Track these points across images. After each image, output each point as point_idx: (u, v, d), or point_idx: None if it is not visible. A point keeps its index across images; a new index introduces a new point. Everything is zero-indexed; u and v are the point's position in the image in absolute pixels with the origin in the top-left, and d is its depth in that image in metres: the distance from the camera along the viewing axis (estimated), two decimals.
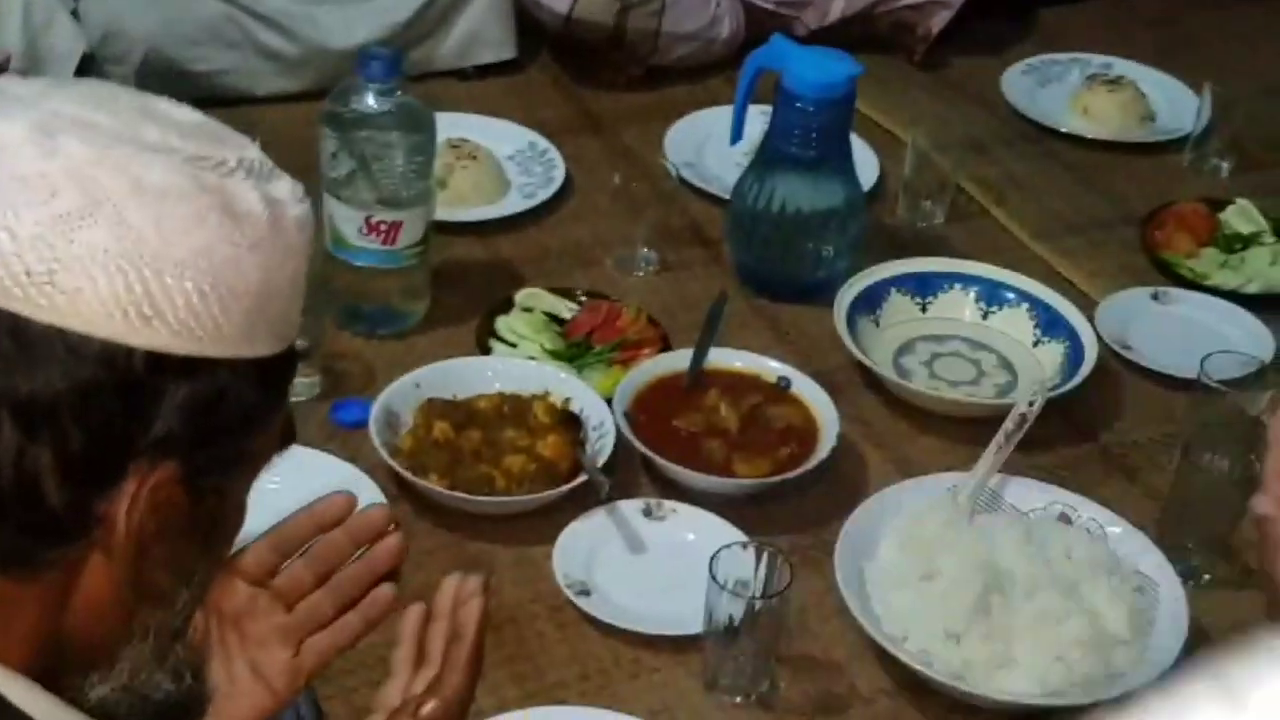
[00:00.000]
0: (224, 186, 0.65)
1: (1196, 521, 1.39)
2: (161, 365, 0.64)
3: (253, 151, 0.68)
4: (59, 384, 0.62)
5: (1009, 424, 1.42)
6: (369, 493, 1.37)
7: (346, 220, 1.51)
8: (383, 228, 1.51)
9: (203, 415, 0.66)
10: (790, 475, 1.43)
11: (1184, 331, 1.69)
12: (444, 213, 1.75)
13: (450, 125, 1.89)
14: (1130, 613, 1.27)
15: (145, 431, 0.65)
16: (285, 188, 0.69)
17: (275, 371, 0.70)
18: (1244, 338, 1.68)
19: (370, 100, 1.47)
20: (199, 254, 0.64)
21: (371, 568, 0.95)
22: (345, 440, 1.45)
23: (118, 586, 0.68)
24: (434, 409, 1.43)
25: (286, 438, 0.75)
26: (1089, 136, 2.08)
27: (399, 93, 1.48)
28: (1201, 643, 1.32)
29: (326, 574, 0.93)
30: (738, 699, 1.25)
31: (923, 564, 1.30)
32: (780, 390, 1.54)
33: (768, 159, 1.68)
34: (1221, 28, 2.44)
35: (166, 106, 0.68)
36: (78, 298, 0.62)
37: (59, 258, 0.62)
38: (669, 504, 1.41)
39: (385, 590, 0.94)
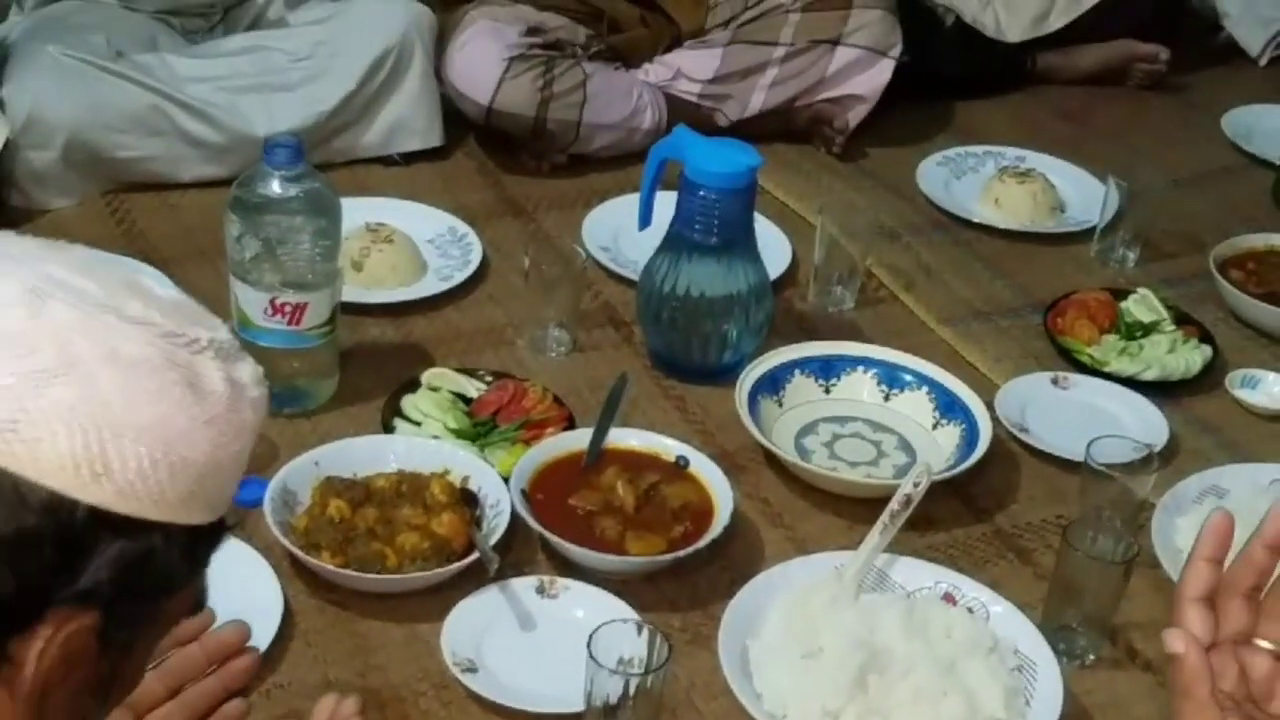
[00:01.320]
0: (192, 363, 0.71)
1: (1080, 602, 1.41)
2: (102, 521, 0.68)
3: (223, 333, 0.74)
4: (5, 525, 0.66)
5: (894, 504, 1.45)
6: (261, 573, 1.39)
7: (252, 302, 1.54)
8: (288, 309, 1.54)
9: (130, 573, 0.69)
10: (682, 553, 1.45)
11: (1081, 416, 1.73)
12: (359, 294, 1.80)
13: (370, 209, 1.95)
14: (1006, 692, 1.29)
15: (73, 581, 0.68)
16: (248, 370, 0.74)
17: (204, 540, 0.74)
18: (1139, 423, 1.73)
19: (275, 186, 1.51)
20: (158, 423, 0.69)
21: (223, 683, 0.98)
22: (242, 520, 1.46)
23: None
24: (331, 487, 1.45)
25: (198, 604, 0.78)
26: (1000, 226, 2.14)
27: (306, 179, 1.52)
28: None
29: (178, 688, 0.97)
30: None
31: (805, 642, 1.33)
32: (678, 469, 1.57)
33: (674, 244, 1.73)
34: (1131, 121, 2.53)
35: (151, 282, 0.73)
36: (36, 447, 0.66)
37: (26, 409, 0.66)
38: (562, 581, 1.43)
39: (235, 705, 0.98)
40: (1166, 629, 0.85)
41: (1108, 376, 1.81)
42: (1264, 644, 0.87)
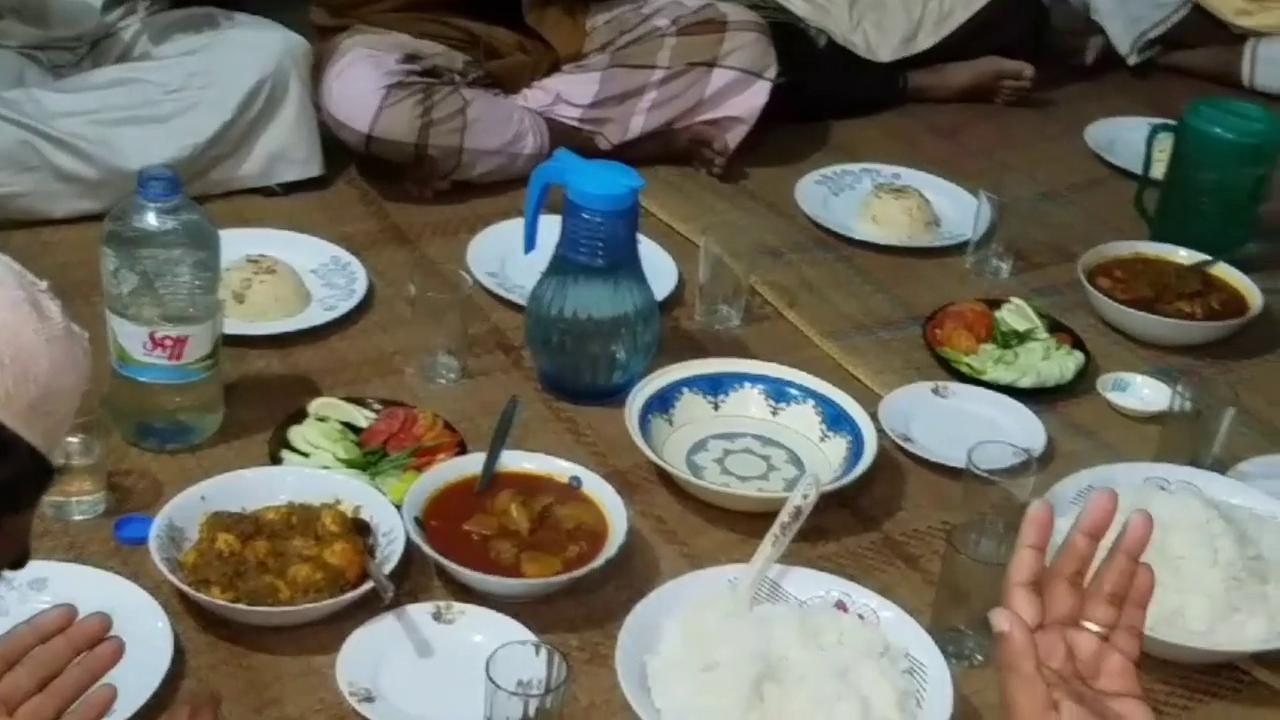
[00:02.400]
0: (35, 293, 0.82)
1: (966, 604, 1.44)
2: None
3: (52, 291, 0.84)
4: None
5: (784, 517, 1.47)
6: (149, 611, 1.37)
7: (130, 336, 1.52)
8: (168, 343, 1.52)
9: None
10: (579, 573, 1.46)
11: (962, 423, 1.78)
12: (241, 326, 1.78)
13: (251, 240, 1.93)
14: (898, 694, 1.31)
15: None
16: (78, 327, 0.84)
17: (40, 469, 0.81)
18: (1018, 428, 1.77)
19: (151, 219, 1.49)
20: (5, 329, 0.78)
21: (89, 670, 1.01)
22: (128, 558, 1.45)
23: None
24: (219, 522, 1.44)
25: (20, 557, 0.84)
26: (879, 242, 2.19)
27: (183, 211, 1.51)
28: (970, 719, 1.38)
29: (47, 678, 1.00)
30: None
31: (703, 655, 1.34)
32: (572, 490, 1.57)
33: (560, 268, 1.74)
34: (1000, 136, 2.61)
35: None
36: None
37: None
38: (458, 606, 1.43)
39: (103, 690, 1.01)
40: (994, 610, 0.90)
41: (986, 384, 1.86)
42: (1089, 626, 0.92)
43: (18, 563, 0.85)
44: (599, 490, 1.57)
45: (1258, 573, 1.46)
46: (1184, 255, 2.10)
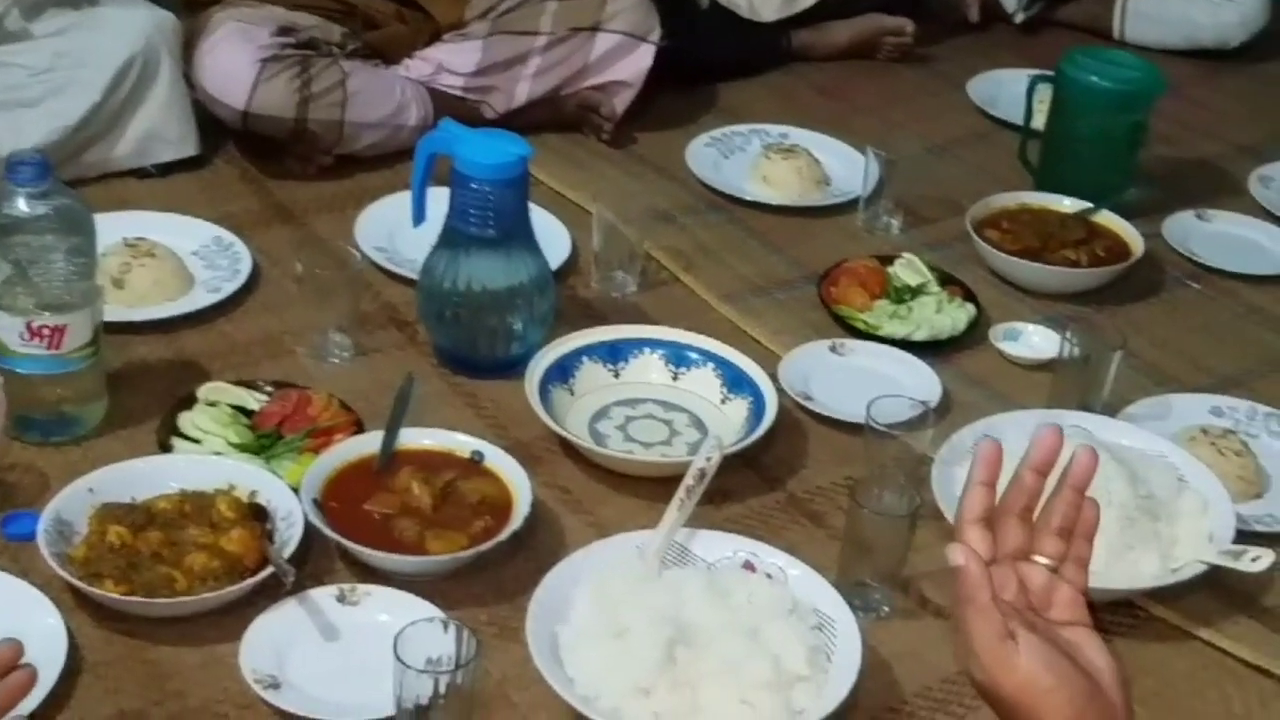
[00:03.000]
0: None
1: (871, 558, 1.46)
2: None
3: None
4: None
5: (689, 480, 1.47)
6: (40, 607, 1.32)
7: (7, 327, 1.47)
8: (46, 332, 1.47)
9: None
10: (484, 548, 1.44)
11: (860, 380, 1.79)
12: (122, 312, 1.73)
13: (128, 224, 1.88)
14: (808, 650, 1.32)
15: None
16: None
17: None
18: (915, 382, 1.79)
19: (22, 205, 1.44)
20: None
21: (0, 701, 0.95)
22: (16, 555, 1.40)
23: None
24: (109, 514, 1.39)
25: None
26: (771, 203, 2.19)
27: (54, 195, 1.45)
28: (879, 670, 1.39)
29: None
30: None
31: (613, 623, 1.33)
32: (474, 464, 1.55)
33: (451, 239, 1.71)
34: (885, 93, 2.63)
35: None
36: None
37: None
38: (363, 588, 1.40)
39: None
40: (949, 545, 0.93)
41: (882, 340, 1.87)
42: (1040, 559, 0.96)
43: None
44: (502, 463, 1.55)
45: (1149, 511, 1.50)
46: (1068, 204, 2.14)
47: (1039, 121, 2.27)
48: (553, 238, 1.96)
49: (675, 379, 1.77)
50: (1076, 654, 0.92)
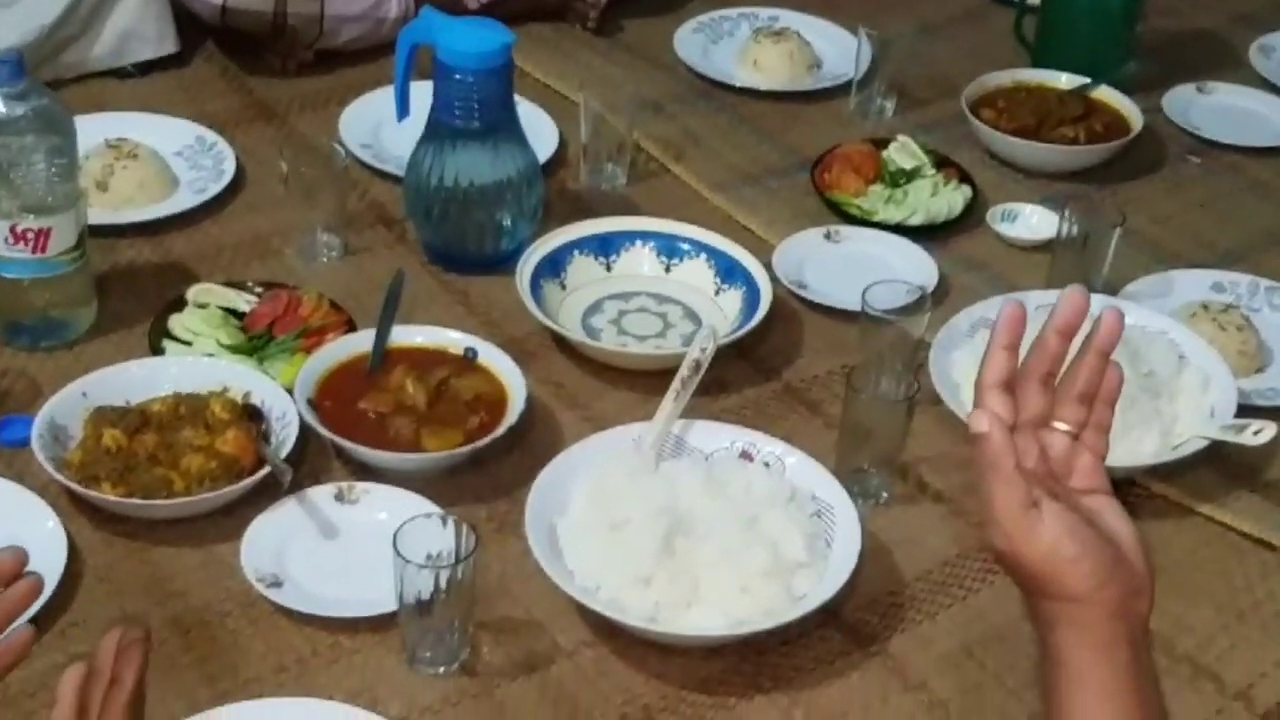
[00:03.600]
0: None
1: (869, 444, 1.45)
2: None
3: None
4: None
5: (684, 371, 1.46)
6: (38, 512, 1.32)
7: None
8: (30, 236, 1.45)
9: None
10: (480, 444, 1.43)
11: (855, 266, 1.77)
12: (107, 215, 1.71)
13: (109, 125, 1.84)
14: (806, 537, 1.32)
15: None
16: None
17: None
18: (911, 267, 1.77)
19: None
20: None
21: (5, 610, 0.94)
22: (11, 460, 1.39)
23: None
24: (103, 417, 1.39)
25: None
26: (761, 89, 2.15)
27: (32, 96, 1.42)
28: (879, 555, 1.40)
29: None
30: (440, 670, 1.26)
31: (611, 514, 1.33)
32: (467, 361, 1.54)
33: (436, 134, 1.68)
34: None
35: None
36: None
37: None
38: (360, 486, 1.40)
39: (23, 630, 0.94)
40: (972, 412, 0.90)
41: (877, 225, 1.85)
42: (1061, 426, 0.93)
43: None
44: (495, 360, 1.54)
45: (1150, 389, 1.49)
46: (1065, 81, 2.10)
47: None
48: (540, 130, 1.92)
49: (668, 271, 1.75)
50: (1098, 521, 0.91)
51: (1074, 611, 0.89)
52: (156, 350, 1.53)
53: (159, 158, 1.81)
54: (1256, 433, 1.44)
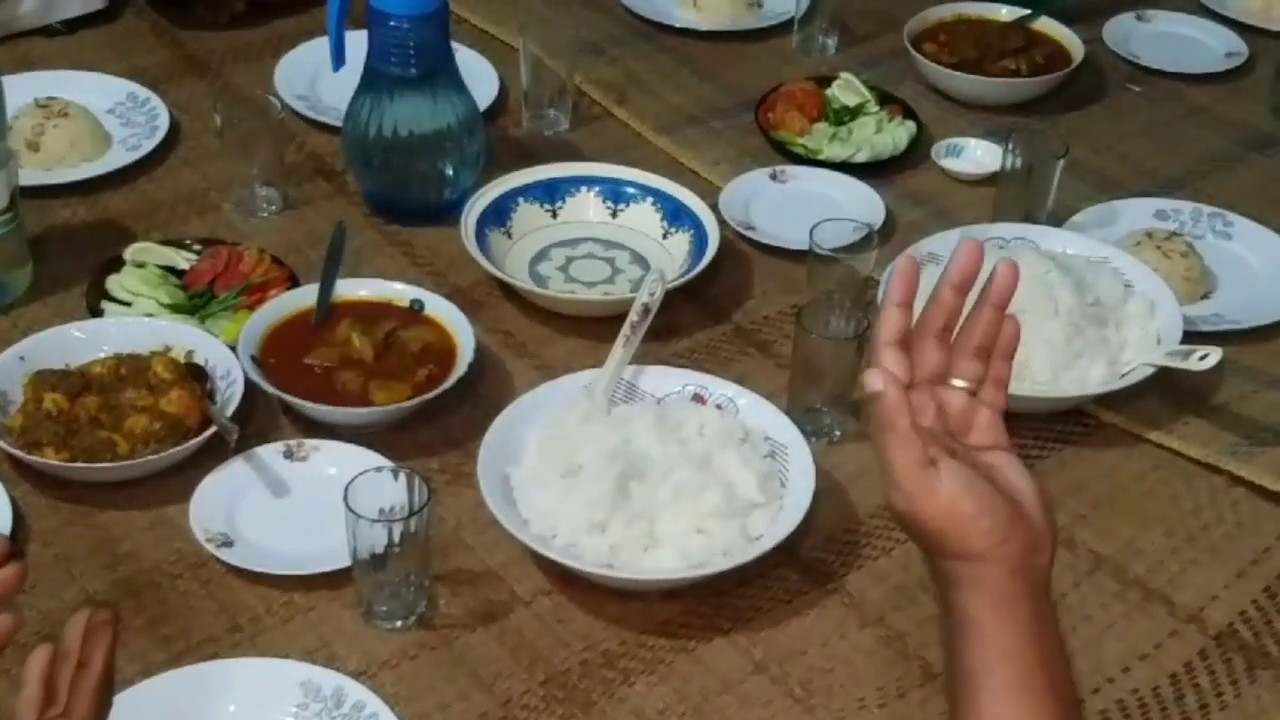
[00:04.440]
0: None
1: (820, 383, 1.45)
2: None
3: None
4: None
5: (633, 316, 1.45)
6: None
7: None
8: None
9: None
10: (430, 396, 1.42)
11: (802, 206, 1.76)
12: (39, 176, 1.67)
13: (38, 84, 1.81)
14: (760, 477, 1.32)
15: None
16: None
17: None
18: (857, 205, 1.77)
19: None
20: None
21: None
22: None
23: None
24: (43, 381, 1.36)
25: None
26: (702, 29, 2.13)
27: None
28: (833, 493, 1.40)
29: None
30: (397, 623, 1.25)
31: (564, 461, 1.32)
32: (414, 313, 1.53)
33: (373, 83, 1.65)
34: None
35: None
36: None
37: None
38: (310, 443, 1.38)
39: (4, 619, 0.91)
40: (866, 371, 0.89)
41: (822, 164, 1.84)
42: (958, 383, 0.92)
43: None
44: (442, 310, 1.52)
45: (1096, 318, 1.49)
46: (1005, 13, 2.09)
47: None
48: (479, 77, 1.90)
49: (614, 216, 1.73)
50: (998, 478, 0.89)
51: (974, 570, 0.87)
52: (95, 312, 1.50)
53: (90, 115, 1.77)
54: (1203, 358, 1.45)
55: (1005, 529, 0.87)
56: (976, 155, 1.89)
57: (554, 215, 1.73)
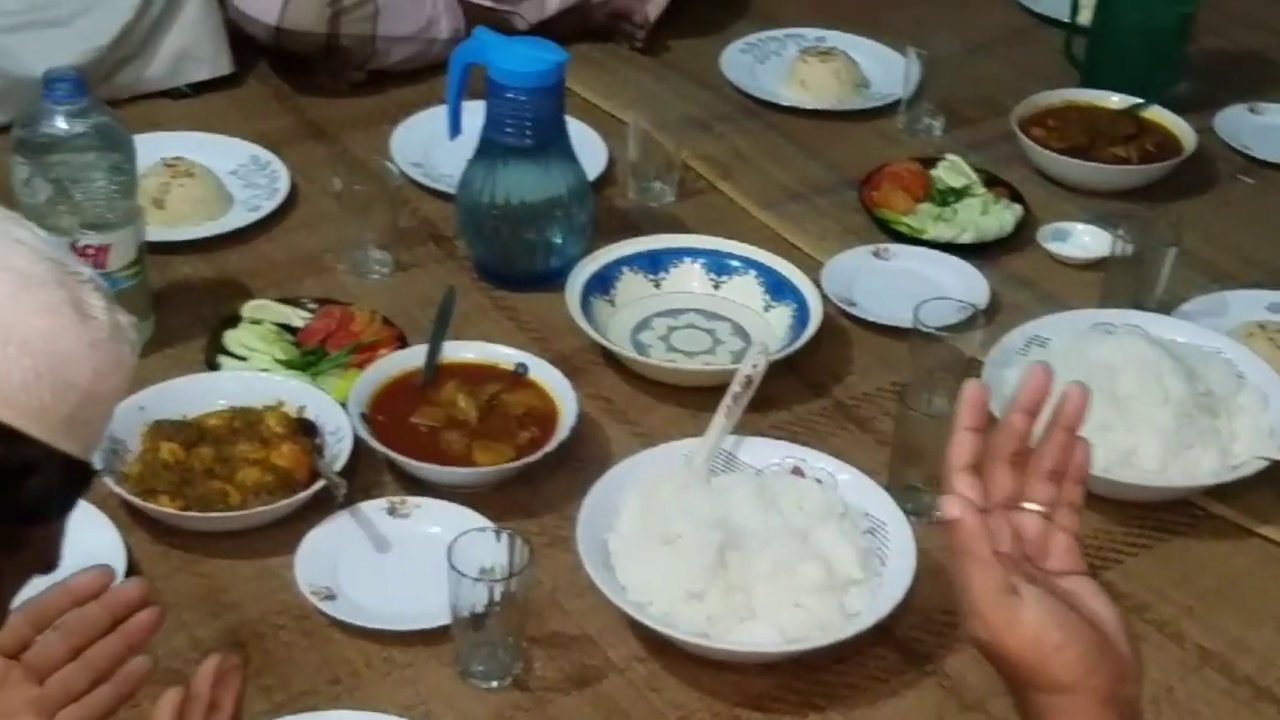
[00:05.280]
0: (79, 290, 0.73)
1: (921, 461, 1.44)
2: None
3: (98, 278, 0.76)
4: None
5: (735, 387, 1.46)
6: (97, 524, 1.33)
7: None
8: (90, 252, 1.47)
9: (6, 486, 0.70)
10: (532, 459, 1.44)
11: (905, 284, 1.76)
12: (163, 232, 1.73)
13: (165, 145, 1.87)
14: (860, 554, 1.31)
15: None
16: (122, 313, 0.76)
17: (75, 477, 0.74)
18: (961, 285, 1.77)
19: (61, 123, 1.43)
20: (45, 337, 0.70)
21: (126, 641, 0.96)
22: None
23: None
24: (161, 431, 1.40)
25: (52, 559, 0.78)
26: (808, 107, 2.15)
27: (93, 113, 1.44)
28: (933, 573, 1.39)
29: (80, 647, 0.95)
30: (493, 684, 1.26)
31: (663, 529, 1.33)
32: (518, 376, 1.55)
33: (488, 152, 1.69)
34: None
35: (28, 224, 0.76)
36: None
37: None
38: (413, 500, 1.41)
39: (139, 663, 0.96)
40: (942, 497, 0.87)
41: (926, 244, 1.85)
42: (1032, 506, 0.89)
43: (50, 567, 0.78)
44: (545, 375, 1.54)
45: (1207, 408, 1.48)
46: (1116, 100, 2.09)
47: (1085, 16, 2.21)
48: (588, 148, 1.93)
49: (716, 288, 1.75)
50: (1080, 605, 0.86)
51: (1063, 702, 0.84)
52: (212, 365, 1.54)
53: (214, 176, 1.83)
54: None
55: (1094, 658, 0.84)
56: (1083, 240, 1.88)
57: (657, 285, 1.75)
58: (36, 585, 0.89)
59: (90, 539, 1.30)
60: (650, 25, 2.25)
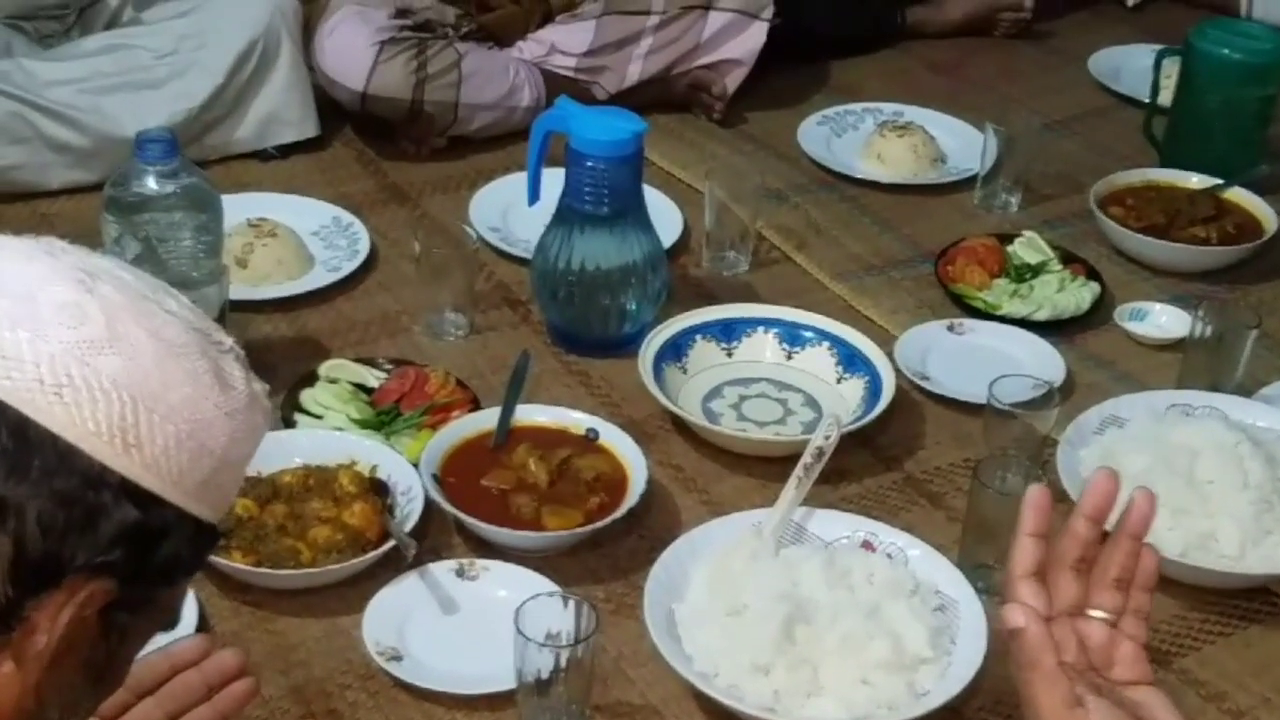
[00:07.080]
0: (219, 359, 0.75)
1: (995, 539, 1.43)
2: (128, 492, 0.70)
3: (238, 346, 0.79)
4: (41, 485, 0.69)
5: (807, 458, 1.46)
6: None
7: None
8: None
9: (143, 550, 0.72)
10: (600, 524, 1.44)
11: (980, 359, 1.75)
12: (246, 291, 1.76)
13: (250, 205, 1.91)
14: (930, 632, 1.30)
15: (93, 548, 0.70)
16: (258, 382, 0.79)
17: (205, 536, 0.76)
18: (1036, 362, 1.75)
19: (151, 183, 1.47)
20: (187, 404, 0.73)
21: (220, 709, 0.97)
22: None
23: (19, 695, 0.71)
24: None
25: (173, 618, 0.80)
26: (884, 181, 2.16)
27: (183, 174, 1.48)
28: (1005, 653, 1.36)
29: (177, 712, 0.96)
30: None
31: (730, 600, 1.32)
32: (589, 441, 1.56)
33: (565, 218, 1.71)
34: (1001, 68, 2.58)
35: (174, 292, 0.78)
36: (78, 412, 0.69)
37: (72, 375, 0.70)
38: (481, 563, 1.41)
39: None
40: (1005, 606, 0.86)
41: (1002, 319, 1.84)
42: (1096, 614, 0.88)
43: (171, 625, 0.80)
44: (616, 441, 1.55)
45: None
46: (1195, 181, 2.08)
47: (1165, 97, 2.21)
48: (664, 216, 1.95)
49: (789, 358, 1.75)
50: (1146, 716, 0.84)
51: None
52: (288, 423, 1.56)
53: (296, 237, 1.87)
54: None
55: None
56: (1161, 320, 1.86)
57: (729, 354, 1.75)
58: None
59: None
60: (728, 97, 2.28)
